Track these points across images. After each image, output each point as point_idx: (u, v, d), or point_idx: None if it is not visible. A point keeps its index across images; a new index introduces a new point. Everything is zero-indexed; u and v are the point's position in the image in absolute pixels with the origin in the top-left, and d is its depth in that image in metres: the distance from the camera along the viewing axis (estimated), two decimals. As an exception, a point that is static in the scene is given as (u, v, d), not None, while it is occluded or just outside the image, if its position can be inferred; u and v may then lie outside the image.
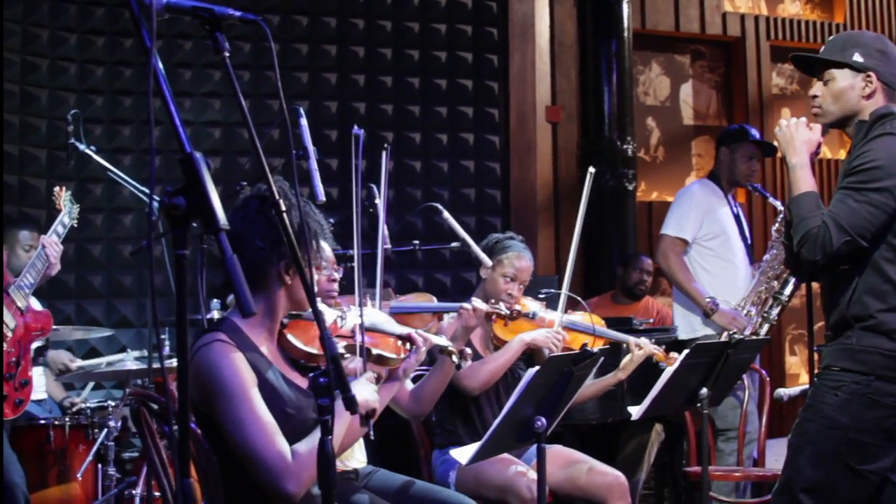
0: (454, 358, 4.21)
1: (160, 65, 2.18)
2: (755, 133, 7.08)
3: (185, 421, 2.12)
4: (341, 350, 3.75)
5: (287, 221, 2.61)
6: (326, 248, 4.30)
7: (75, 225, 5.50)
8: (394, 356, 3.86)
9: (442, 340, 4.15)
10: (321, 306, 3.92)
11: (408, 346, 3.96)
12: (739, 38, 10.16)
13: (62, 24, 7.75)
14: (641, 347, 5.33)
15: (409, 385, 4.47)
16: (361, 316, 3.70)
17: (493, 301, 5.02)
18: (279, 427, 3.20)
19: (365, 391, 3.45)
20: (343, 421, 3.29)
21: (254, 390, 3.19)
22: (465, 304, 4.78)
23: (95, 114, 7.78)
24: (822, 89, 4.16)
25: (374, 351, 3.82)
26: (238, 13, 2.59)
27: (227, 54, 2.55)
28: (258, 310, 3.37)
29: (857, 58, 4.08)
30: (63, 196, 5.40)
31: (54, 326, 5.65)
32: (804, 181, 4.05)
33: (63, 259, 5.34)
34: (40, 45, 7.68)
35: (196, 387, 3.22)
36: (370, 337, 3.82)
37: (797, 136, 4.12)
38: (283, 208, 2.60)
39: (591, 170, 5.53)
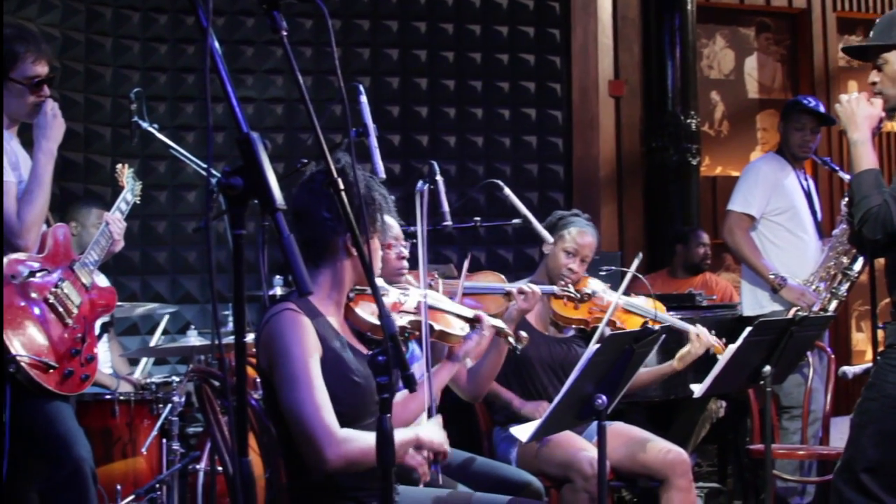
0: (510, 339, 4.22)
1: (216, 44, 2.18)
2: (806, 102, 6.99)
3: (243, 396, 2.13)
4: (405, 324, 3.79)
5: (344, 198, 2.60)
6: (394, 225, 4.32)
7: (138, 202, 5.53)
8: (456, 333, 3.90)
9: (498, 322, 4.16)
10: (387, 285, 3.96)
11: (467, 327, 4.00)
12: (805, 9, 10.03)
13: (125, 3, 7.80)
14: (700, 338, 5.25)
15: (468, 363, 4.47)
16: (425, 296, 3.71)
17: (562, 283, 5.02)
18: (347, 394, 3.27)
19: (434, 433, 3.48)
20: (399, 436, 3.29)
21: (315, 358, 3.24)
22: (523, 287, 4.77)
23: (159, 91, 7.84)
24: (878, 75, 4.11)
25: (437, 327, 3.86)
26: (295, -9, 2.58)
27: (284, 33, 2.55)
28: (325, 281, 3.45)
29: None
30: (126, 173, 5.43)
31: (119, 303, 5.70)
32: (865, 158, 3.99)
33: (128, 235, 5.37)
34: (104, 23, 7.73)
35: (264, 354, 3.30)
36: (432, 315, 3.84)
37: (858, 112, 4.06)
38: (342, 186, 2.60)
39: (639, 256, 5.45)
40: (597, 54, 9.00)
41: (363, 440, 3.11)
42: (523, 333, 4.33)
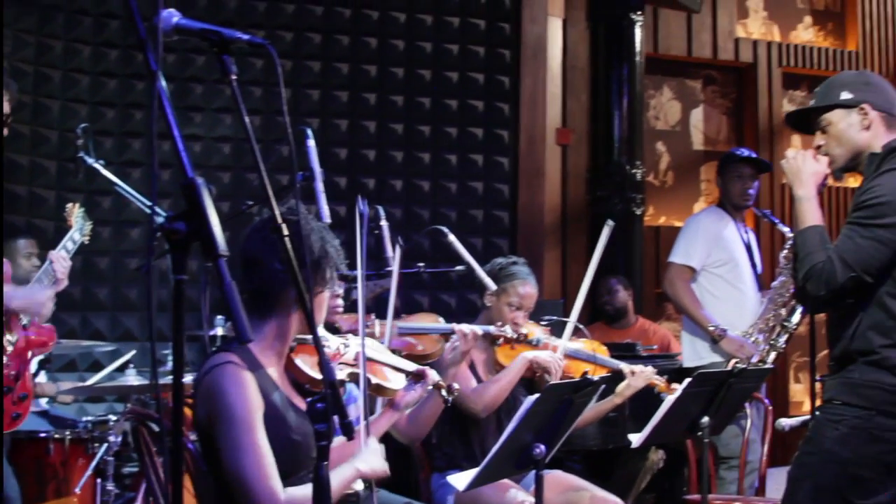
0: (443, 392, 4.21)
1: (164, 84, 2.19)
2: (741, 153, 7.10)
3: (179, 442, 2.12)
4: (344, 377, 3.77)
5: (288, 245, 2.59)
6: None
7: (86, 242, 5.49)
8: (392, 387, 3.89)
9: (434, 375, 4.15)
10: (328, 334, 3.95)
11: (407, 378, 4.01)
12: (751, 63, 10.18)
13: (76, 37, 7.76)
14: (635, 373, 5.29)
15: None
16: (363, 344, 3.70)
17: (499, 323, 5.02)
18: (285, 451, 3.22)
19: (374, 461, 3.47)
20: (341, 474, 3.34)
21: (259, 421, 3.18)
22: (459, 328, 4.77)
23: (107, 126, 7.80)
24: (822, 137, 4.17)
25: (374, 380, 3.84)
26: (246, 36, 2.58)
27: (234, 77, 2.55)
28: (270, 332, 3.40)
29: (846, 95, 4.10)
30: (76, 212, 5.40)
31: (58, 340, 5.64)
32: (810, 214, 4.05)
33: (69, 271, 5.34)
34: (54, 56, 7.70)
35: (203, 407, 3.23)
36: (370, 367, 3.83)
37: (804, 168, 4.12)
38: (286, 233, 2.59)
39: (609, 223, 5.48)
40: (545, 102, 9.06)
41: (305, 499, 3.07)
42: (455, 385, 4.32)
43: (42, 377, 6.27)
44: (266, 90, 8.15)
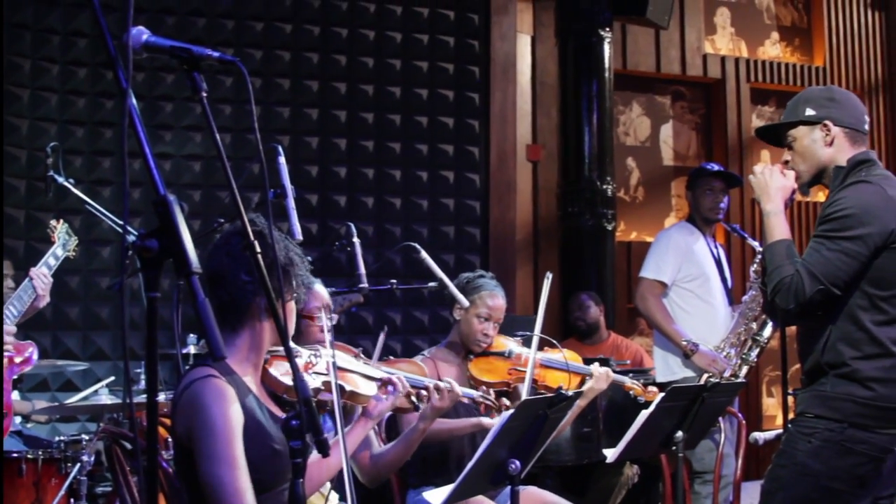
0: (413, 399, 4.19)
1: (135, 102, 2.18)
2: (710, 167, 7.14)
3: (155, 459, 2.10)
4: (318, 385, 3.77)
5: (261, 261, 2.59)
6: (324, 295, 4.30)
7: (72, 257, 5.47)
8: (365, 393, 3.90)
9: (403, 384, 4.11)
10: (299, 347, 3.94)
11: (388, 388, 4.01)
12: (720, 79, 10.25)
13: (44, 55, 7.74)
14: (599, 375, 5.27)
15: (374, 447, 4.40)
16: (333, 356, 3.69)
17: (484, 389, 4.97)
18: (267, 461, 3.22)
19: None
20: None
21: (238, 434, 3.17)
22: (439, 385, 4.64)
23: (76, 145, 7.77)
24: (789, 153, 4.25)
25: (347, 387, 3.85)
26: (216, 54, 2.57)
27: (204, 94, 2.55)
28: (244, 344, 3.40)
29: (809, 111, 4.18)
30: (60, 228, 5.38)
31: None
32: (778, 228, 4.09)
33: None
34: (21, 75, 7.67)
35: (183, 422, 3.21)
36: (341, 375, 3.83)
37: (771, 183, 4.17)
38: (258, 249, 2.59)
39: (549, 275, 5.48)
40: (515, 119, 9.10)
41: None
42: (424, 392, 4.29)
43: (15, 395, 6.23)
44: (236, 108, 8.15)
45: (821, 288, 3.88)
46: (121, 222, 5.39)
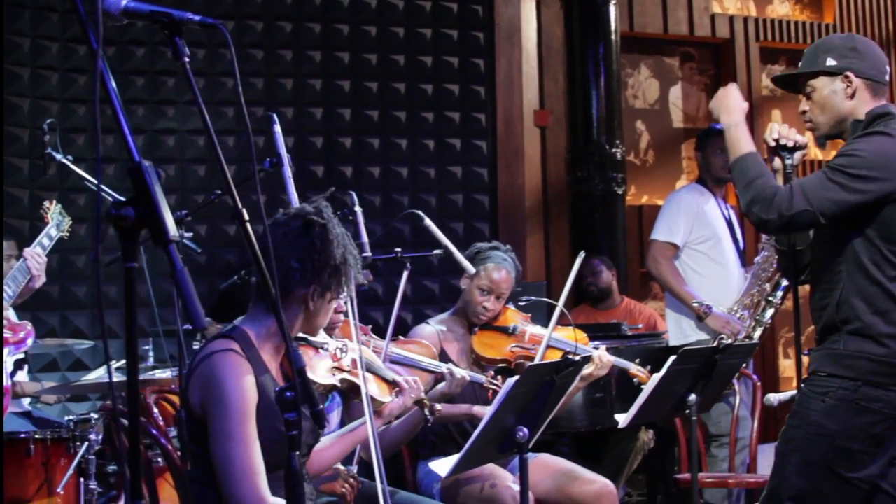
0: (426, 412, 4.15)
1: (107, 66, 2.11)
2: (720, 126, 7.06)
3: (137, 438, 2.04)
4: (336, 382, 3.75)
5: (251, 233, 2.51)
6: None
7: (65, 237, 5.42)
8: (380, 399, 3.90)
9: (417, 391, 4.11)
10: (327, 337, 3.92)
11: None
12: (728, 39, 10.11)
13: (44, 33, 7.66)
14: (601, 360, 5.17)
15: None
16: (360, 351, 3.67)
17: (490, 374, 4.95)
18: (276, 442, 3.16)
19: None
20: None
21: (252, 413, 3.16)
22: (452, 370, 4.66)
23: (78, 123, 7.69)
24: (807, 103, 4.14)
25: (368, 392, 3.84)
26: (197, 17, 2.50)
27: (186, 59, 2.48)
28: (273, 325, 3.35)
29: (830, 62, 4.05)
30: (53, 209, 5.33)
31: (38, 340, 5.57)
32: (744, 141, 4.07)
33: (47, 270, 5.27)
34: (21, 54, 7.59)
35: (198, 393, 3.21)
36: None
37: (728, 99, 4.15)
38: (246, 218, 2.51)
39: (582, 254, 5.39)
40: (521, 84, 9.00)
41: None
42: (438, 406, 4.24)
43: (23, 376, 6.20)
44: (211, 79, 7.99)
45: (808, 209, 3.81)
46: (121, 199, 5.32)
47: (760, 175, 3.92)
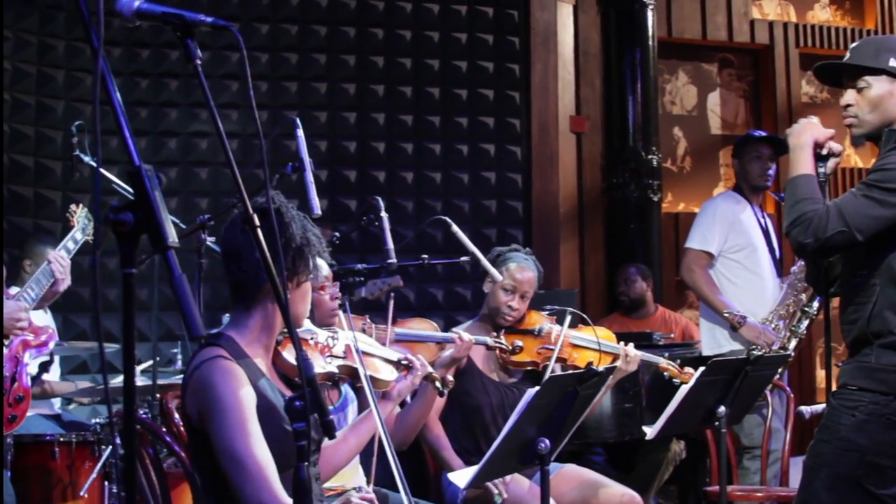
0: (437, 384, 4.13)
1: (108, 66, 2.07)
2: (758, 133, 7.00)
3: (132, 439, 2.00)
4: (334, 370, 3.69)
5: (260, 237, 2.46)
6: (324, 266, 4.20)
7: (89, 241, 5.42)
8: (384, 378, 3.83)
9: (425, 366, 4.07)
10: (315, 328, 3.86)
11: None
12: (768, 45, 10.02)
13: (78, 35, 7.66)
14: (628, 356, 5.13)
15: (395, 410, 4.39)
16: (355, 338, 3.61)
17: (494, 335, 4.94)
18: (280, 442, 3.13)
19: None
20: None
21: (253, 412, 3.11)
22: (455, 334, 4.70)
23: (111, 125, 7.64)
24: (855, 97, 3.98)
25: (368, 373, 3.78)
26: (209, 19, 2.46)
27: (199, 62, 2.44)
28: (255, 324, 3.32)
29: (893, 62, 3.92)
30: (79, 212, 5.34)
31: (62, 342, 5.56)
32: (803, 163, 3.94)
33: (78, 272, 5.27)
34: (56, 56, 7.60)
35: (194, 403, 3.16)
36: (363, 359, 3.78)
37: (801, 125, 4.03)
38: (257, 223, 2.47)
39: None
40: (556, 90, 8.95)
41: None
42: (450, 377, 4.23)
43: (55, 376, 6.22)
44: (244, 83, 7.95)
45: (843, 230, 3.71)
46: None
47: (807, 198, 3.82)
